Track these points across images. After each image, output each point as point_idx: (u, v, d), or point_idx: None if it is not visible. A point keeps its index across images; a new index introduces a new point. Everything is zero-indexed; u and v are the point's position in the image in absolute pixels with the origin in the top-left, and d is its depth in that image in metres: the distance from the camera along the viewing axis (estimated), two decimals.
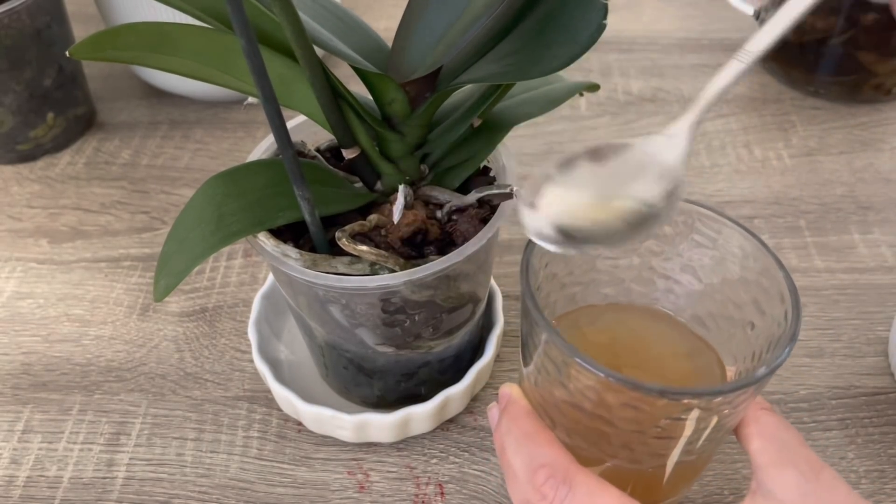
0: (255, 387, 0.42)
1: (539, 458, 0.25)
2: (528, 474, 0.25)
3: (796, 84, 0.61)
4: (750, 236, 0.27)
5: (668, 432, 0.25)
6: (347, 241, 0.31)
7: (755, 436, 0.26)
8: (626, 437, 0.26)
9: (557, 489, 0.25)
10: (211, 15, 0.29)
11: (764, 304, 0.27)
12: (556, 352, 0.24)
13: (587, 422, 0.26)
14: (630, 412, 0.25)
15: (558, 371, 0.25)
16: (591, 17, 0.28)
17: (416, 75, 0.30)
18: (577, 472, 0.25)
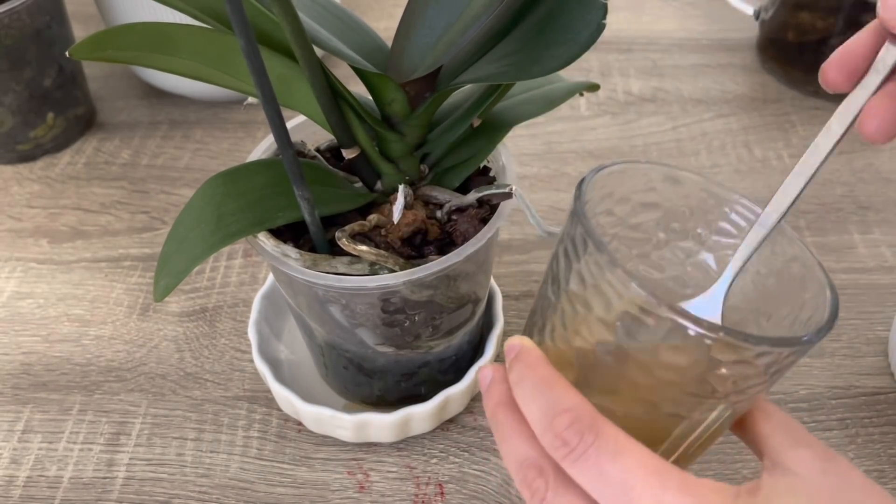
0: (255, 387, 0.42)
1: (562, 403, 0.23)
2: (548, 419, 0.23)
3: (796, 84, 0.61)
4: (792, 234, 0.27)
5: (701, 390, 0.24)
6: (347, 241, 0.31)
7: (764, 421, 0.26)
8: (658, 391, 0.24)
9: (583, 436, 0.22)
10: (210, 15, 0.29)
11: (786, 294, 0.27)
12: (612, 281, 0.23)
13: (619, 372, 0.24)
14: (679, 357, 0.23)
15: (606, 309, 0.23)
16: (590, 17, 0.28)
17: (415, 75, 0.30)
18: (603, 421, 0.23)
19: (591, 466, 0.22)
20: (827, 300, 0.25)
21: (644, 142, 0.57)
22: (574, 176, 0.54)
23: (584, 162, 0.55)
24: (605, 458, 0.22)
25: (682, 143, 0.57)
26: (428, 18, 0.29)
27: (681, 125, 0.58)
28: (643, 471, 0.22)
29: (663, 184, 0.29)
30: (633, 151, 0.56)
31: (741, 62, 0.65)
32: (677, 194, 0.29)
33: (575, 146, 0.57)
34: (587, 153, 0.56)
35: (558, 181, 0.54)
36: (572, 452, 0.23)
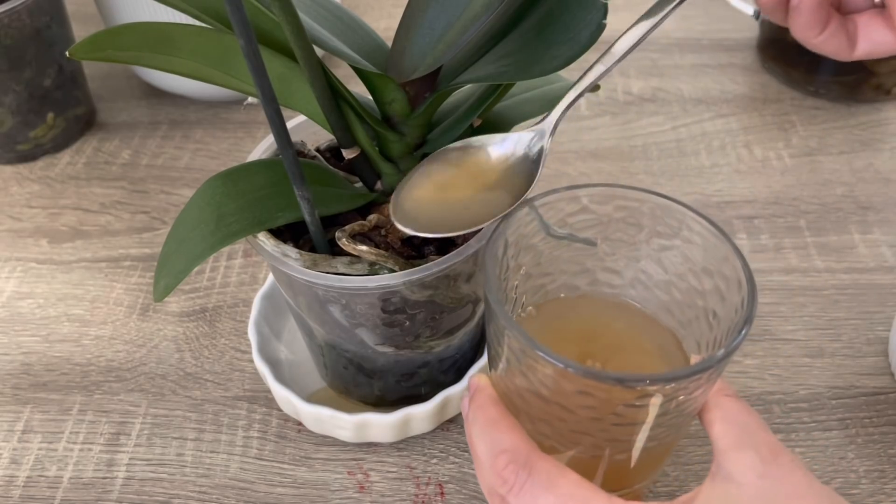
0: (255, 387, 0.42)
1: (500, 444, 0.26)
2: (490, 460, 0.26)
3: (796, 84, 0.61)
4: (710, 225, 0.28)
5: (626, 419, 0.26)
6: (347, 241, 0.31)
7: (717, 420, 0.26)
8: (585, 424, 0.26)
9: (517, 474, 0.25)
10: (210, 15, 0.29)
11: (724, 292, 0.27)
12: (514, 341, 0.25)
13: (548, 409, 0.26)
14: (587, 399, 0.25)
15: (518, 360, 0.26)
16: (591, 17, 0.28)
17: (416, 75, 0.30)
18: (537, 458, 0.25)
19: (528, 500, 0.25)
20: (743, 312, 0.26)
21: (644, 142, 0.57)
22: (574, 175, 0.54)
23: (584, 162, 0.55)
24: (538, 492, 0.25)
25: (682, 143, 0.57)
26: (428, 18, 0.29)
27: (681, 125, 0.58)
28: (571, 500, 0.24)
29: (593, 204, 0.30)
30: (633, 151, 0.56)
31: (741, 62, 0.65)
32: (608, 209, 0.30)
33: (575, 146, 0.57)
34: (587, 153, 0.56)
35: (558, 181, 0.54)
36: (512, 489, 0.25)
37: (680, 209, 0.29)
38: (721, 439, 0.26)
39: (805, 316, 0.44)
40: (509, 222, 0.28)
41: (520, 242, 0.29)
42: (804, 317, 0.44)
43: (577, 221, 0.30)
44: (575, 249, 0.31)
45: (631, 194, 0.29)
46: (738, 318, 0.26)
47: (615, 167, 0.55)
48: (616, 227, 0.30)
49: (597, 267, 0.32)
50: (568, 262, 0.32)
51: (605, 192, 0.30)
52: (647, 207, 0.29)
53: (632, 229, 0.30)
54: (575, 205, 0.30)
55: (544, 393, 0.26)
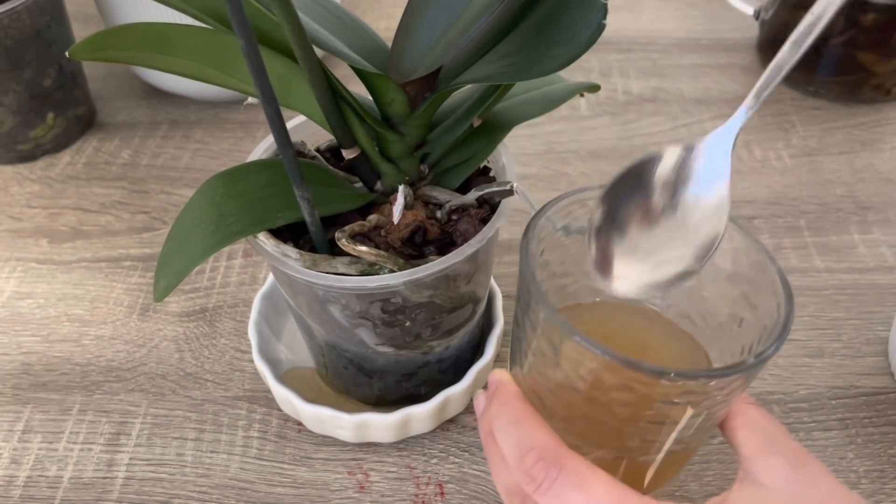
0: (255, 387, 0.42)
1: (529, 441, 0.25)
2: (518, 457, 0.25)
3: (796, 84, 0.61)
4: (741, 231, 0.27)
5: (661, 417, 0.25)
6: (347, 242, 0.31)
7: (741, 427, 0.26)
8: (618, 421, 0.26)
9: (547, 472, 0.24)
10: (210, 15, 0.29)
11: (755, 299, 0.27)
12: (554, 331, 0.24)
13: (581, 405, 0.26)
14: (625, 394, 0.24)
15: (554, 351, 0.25)
16: (591, 17, 0.28)
17: (415, 75, 0.29)
18: (567, 455, 0.25)
19: (557, 499, 0.24)
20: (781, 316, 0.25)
21: (644, 142, 0.57)
22: (574, 175, 0.54)
23: (584, 162, 0.55)
24: (568, 491, 0.24)
25: None
26: (428, 18, 0.29)
27: (681, 125, 0.58)
28: (605, 499, 0.24)
29: None
30: (634, 151, 0.56)
31: (741, 62, 0.65)
32: None
33: (575, 146, 0.57)
34: (587, 153, 0.56)
35: (558, 181, 0.54)
36: (540, 487, 0.24)
37: None
38: (746, 445, 0.25)
39: (805, 316, 0.44)
40: (543, 218, 0.27)
41: (548, 239, 0.29)
42: (804, 317, 0.44)
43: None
44: None
45: None
46: (774, 324, 0.25)
47: (615, 167, 0.54)
48: None
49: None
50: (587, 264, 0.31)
51: None
52: None
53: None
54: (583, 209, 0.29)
55: (580, 386, 0.25)
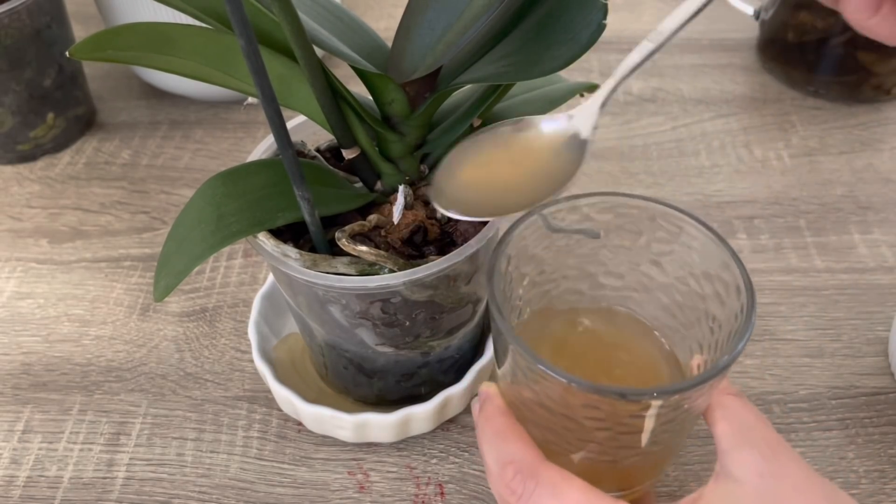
0: (255, 387, 0.42)
1: (507, 455, 0.27)
2: (499, 470, 0.27)
3: (796, 84, 0.61)
4: (707, 231, 0.28)
5: (632, 428, 0.26)
6: (347, 242, 0.31)
7: (719, 420, 0.26)
8: (591, 433, 0.27)
9: (525, 484, 0.26)
10: (211, 15, 0.29)
11: (724, 297, 0.28)
12: (520, 358, 0.25)
13: (554, 420, 0.27)
14: (592, 412, 0.25)
15: (524, 374, 0.26)
16: (591, 17, 0.28)
17: (415, 75, 0.30)
18: (544, 467, 0.26)
19: None
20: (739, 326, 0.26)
21: (644, 142, 0.57)
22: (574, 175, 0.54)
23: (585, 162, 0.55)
24: (545, 501, 0.25)
25: (682, 143, 0.57)
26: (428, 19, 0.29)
27: (681, 125, 0.58)
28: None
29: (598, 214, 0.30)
30: (633, 151, 0.56)
31: (741, 62, 0.65)
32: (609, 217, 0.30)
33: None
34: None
35: None
36: (520, 499, 0.26)
37: (678, 215, 0.29)
38: (723, 439, 0.26)
39: (805, 316, 0.44)
40: (511, 237, 0.28)
41: (522, 254, 0.30)
42: (804, 317, 0.44)
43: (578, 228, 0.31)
44: (578, 256, 0.31)
45: (630, 202, 0.30)
46: (738, 324, 0.26)
47: (615, 167, 0.55)
48: (617, 234, 0.31)
49: (599, 272, 0.32)
50: (571, 268, 0.32)
51: (605, 201, 0.30)
52: (646, 214, 0.30)
53: (632, 235, 0.30)
54: (575, 214, 0.30)
55: (550, 405, 0.26)
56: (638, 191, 0.53)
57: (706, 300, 0.29)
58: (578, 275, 0.32)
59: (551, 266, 0.31)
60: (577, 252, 0.31)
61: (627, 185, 0.53)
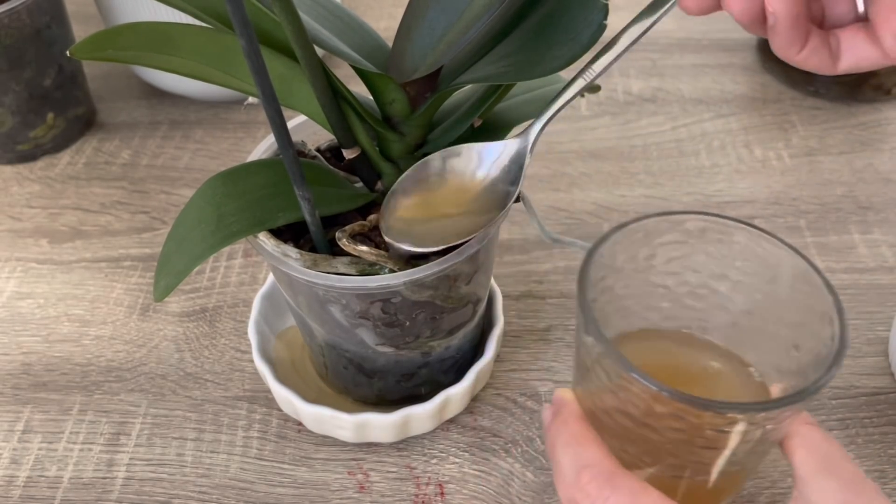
0: (255, 387, 0.42)
1: (584, 460, 0.26)
2: (574, 474, 0.26)
3: (796, 84, 0.61)
4: (799, 257, 0.28)
5: (713, 443, 0.26)
6: (347, 242, 0.31)
7: (798, 447, 0.26)
8: (670, 445, 0.27)
9: (601, 489, 0.25)
10: (211, 15, 0.29)
11: (812, 325, 0.28)
12: (608, 362, 0.25)
13: (635, 429, 0.27)
14: (676, 422, 0.25)
15: (609, 379, 0.26)
16: (591, 17, 0.28)
17: (416, 75, 0.30)
18: (620, 474, 0.26)
19: None
20: (832, 352, 0.26)
21: (644, 142, 0.57)
22: (574, 175, 0.54)
23: (585, 162, 0.55)
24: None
25: (682, 144, 0.57)
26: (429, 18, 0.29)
27: (681, 125, 0.58)
28: None
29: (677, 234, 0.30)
30: (633, 151, 0.56)
31: (741, 62, 0.65)
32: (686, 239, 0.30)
33: (575, 146, 0.57)
34: (587, 153, 0.56)
35: (558, 181, 0.54)
36: (594, 503, 0.25)
37: (771, 241, 0.29)
38: (803, 466, 0.26)
39: None
40: (604, 245, 0.29)
41: (610, 265, 0.30)
42: None
43: (667, 247, 0.31)
44: (660, 274, 0.31)
45: (724, 224, 0.29)
46: (829, 351, 0.26)
47: (615, 167, 0.55)
48: (703, 255, 0.31)
49: (681, 293, 0.32)
50: (655, 285, 0.32)
51: (697, 220, 0.30)
52: (738, 238, 0.29)
53: (721, 258, 0.30)
54: (665, 230, 0.30)
55: (634, 413, 0.26)
56: (638, 191, 0.53)
57: (791, 329, 0.29)
58: (663, 293, 0.32)
59: (636, 282, 0.31)
60: (659, 271, 0.31)
61: (627, 185, 0.53)
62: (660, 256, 0.31)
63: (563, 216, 0.51)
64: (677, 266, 0.31)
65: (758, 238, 0.29)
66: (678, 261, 0.31)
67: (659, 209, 0.51)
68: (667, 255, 0.31)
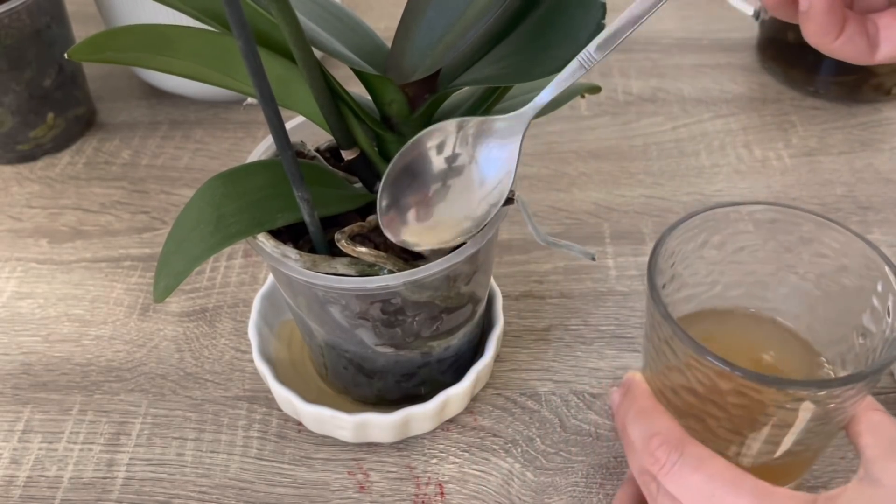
0: (255, 387, 0.42)
1: (654, 428, 0.28)
2: (644, 442, 0.28)
3: (796, 84, 0.61)
4: (868, 246, 0.29)
5: (776, 421, 0.27)
6: (347, 243, 0.31)
7: (865, 432, 0.27)
8: (735, 422, 0.28)
9: (669, 454, 0.27)
10: (209, 16, 0.29)
11: (881, 311, 0.28)
12: (677, 343, 0.27)
13: (701, 406, 0.28)
14: (741, 399, 0.26)
15: (677, 358, 0.27)
16: (590, 17, 0.28)
17: (415, 76, 0.30)
18: (689, 441, 0.27)
19: (678, 479, 0.26)
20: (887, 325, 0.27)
21: (644, 142, 0.57)
22: (574, 175, 0.54)
23: (584, 162, 0.55)
24: (688, 472, 0.26)
25: (682, 144, 0.57)
26: (428, 20, 0.29)
27: (681, 125, 0.58)
28: (721, 480, 0.26)
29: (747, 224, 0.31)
30: (633, 151, 0.56)
31: (741, 62, 0.65)
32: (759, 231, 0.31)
33: (575, 146, 0.57)
34: (587, 153, 0.56)
35: (558, 181, 0.54)
36: (663, 468, 0.27)
37: (842, 231, 0.29)
38: (870, 448, 0.26)
39: None
40: (674, 232, 0.30)
41: (678, 252, 0.31)
42: None
43: (735, 237, 0.31)
44: (730, 263, 0.32)
45: (794, 214, 0.30)
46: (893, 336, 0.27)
47: (615, 167, 0.55)
48: (773, 244, 0.31)
49: (749, 280, 0.33)
50: (722, 274, 0.33)
51: (766, 211, 0.31)
52: (807, 228, 0.30)
53: (789, 247, 0.31)
54: (734, 219, 0.31)
55: (700, 391, 0.27)
56: (638, 191, 0.53)
57: (859, 316, 0.29)
58: (730, 282, 0.33)
59: (705, 270, 0.32)
60: (729, 260, 0.32)
61: (627, 185, 0.53)
62: (730, 245, 0.32)
63: (562, 216, 0.51)
64: (746, 255, 0.32)
65: (826, 227, 0.30)
66: (748, 250, 0.32)
67: (659, 209, 0.51)
68: (737, 245, 0.32)
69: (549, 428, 0.39)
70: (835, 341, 0.31)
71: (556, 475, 0.37)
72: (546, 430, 0.39)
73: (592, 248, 0.48)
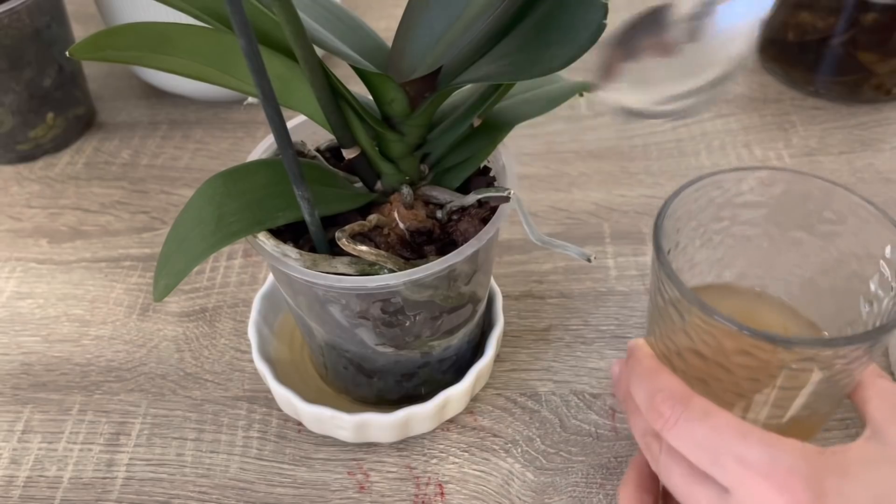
0: (255, 387, 0.42)
1: (658, 386, 0.28)
2: (648, 400, 0.28)
3: (796, 84, 0.61)
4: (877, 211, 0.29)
5: (783, 383, 0.27)
6: (347, 242, 0.31)
7: (872, 397, 0.27)
8: (742, 386, 0.28)
9: (674, 408, 0.27)
10: (211, 15, 0.29)
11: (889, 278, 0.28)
12: (683, 304, 0.27)
13: (706, 369, 0.28)
14: (747, 359, 0.26)
15: (682, 319, 0.27)
16: (590, 17, 0.28)
17: (416, 75, 0.29)
18: (693, 395, 0.27)
19: (683, 431, 0.26)
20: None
21: (644, 142, 0.57)
22: (574, 175, 0.54)
23: (585, 162, 0.55)
24: (693, 423, 0.26)
25: (682, 143, 0.57)
26: (428, 18, 0.29)
27: (681, 125, 0.58)
28: (728, 430, 0.25)
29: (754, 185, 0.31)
30: (633, 151, 0.56)
31: None
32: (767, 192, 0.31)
33: (575, 146, 0.57)
34: (587, 153, 0.56)
35: (558, 181, 0.54)
36: (667, 422, 0.27)
37: (850, 195, 0.29)
38: (876, 411, 0.27)
39: None
40: (680, 198, 0.30)
41: (683, 217, 0.31)
42: None
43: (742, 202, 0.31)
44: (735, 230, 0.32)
45: (801, 178, 0.30)
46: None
47: (615, 167, 0.55)
48: (781, 210, 0.31)
49: (753, 250, 0.33)
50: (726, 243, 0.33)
51: (772, 175, 0.31)
52: (814, 191, 0.30)
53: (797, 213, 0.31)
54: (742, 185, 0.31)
55: (705, 352, 0.27)
56: (638, 191, 0.53)
57: (868, 281, 0.29)
58: (739, 250, 0.33)
59: (709, 237, 0.32)
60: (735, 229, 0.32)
61: (627, 184, 0.53)
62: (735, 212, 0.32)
63: (562, 216, 0.51)
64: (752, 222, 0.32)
65: (834, 191, 0.30)
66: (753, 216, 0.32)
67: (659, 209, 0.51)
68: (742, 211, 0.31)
69: (549, 428, 0.39)
70: (840, 311, 0.31)
71: (556, 475, 0.37)
72: (546, 430, 0.39)
73: (592, 248, 0.48)
